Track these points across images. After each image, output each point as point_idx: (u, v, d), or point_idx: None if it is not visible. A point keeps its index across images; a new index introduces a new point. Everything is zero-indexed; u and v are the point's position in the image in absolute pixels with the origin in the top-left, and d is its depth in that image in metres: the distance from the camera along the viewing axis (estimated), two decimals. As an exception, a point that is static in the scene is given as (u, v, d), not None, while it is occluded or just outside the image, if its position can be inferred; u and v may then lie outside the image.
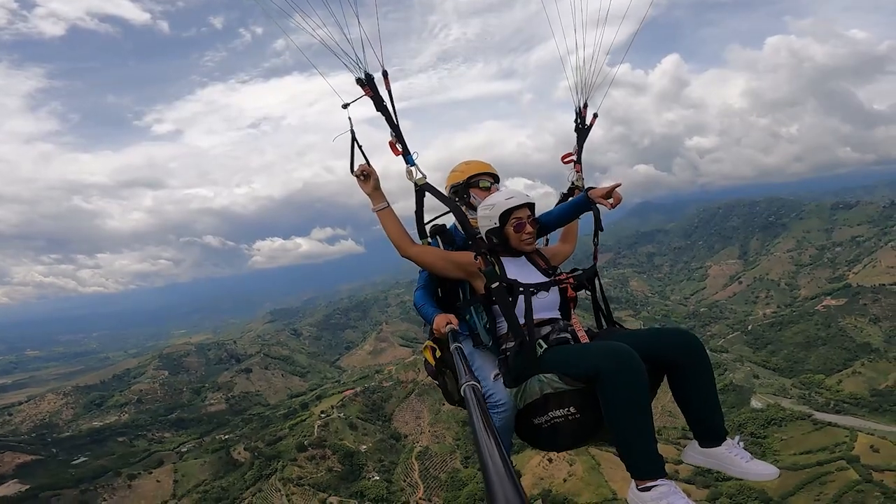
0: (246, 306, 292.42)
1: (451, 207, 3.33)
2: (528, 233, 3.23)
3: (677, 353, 2.69)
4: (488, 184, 3.64)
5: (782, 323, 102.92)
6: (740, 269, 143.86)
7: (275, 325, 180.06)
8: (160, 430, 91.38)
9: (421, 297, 3.50)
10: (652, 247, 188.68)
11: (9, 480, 69.47)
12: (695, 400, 2.74)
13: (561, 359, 2.70)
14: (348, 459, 70.28)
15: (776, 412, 70.30)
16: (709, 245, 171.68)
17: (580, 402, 2.60)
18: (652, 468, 2.37)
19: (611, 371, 2.40)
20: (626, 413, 2.38)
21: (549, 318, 3.06)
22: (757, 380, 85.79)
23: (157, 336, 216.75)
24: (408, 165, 3.31)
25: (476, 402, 1.93)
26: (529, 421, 2.81)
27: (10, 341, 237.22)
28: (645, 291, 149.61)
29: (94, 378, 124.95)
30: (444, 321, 3.12)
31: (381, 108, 3.25)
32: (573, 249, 3.96)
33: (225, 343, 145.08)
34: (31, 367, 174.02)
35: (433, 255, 3.33)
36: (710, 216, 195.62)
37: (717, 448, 2.74)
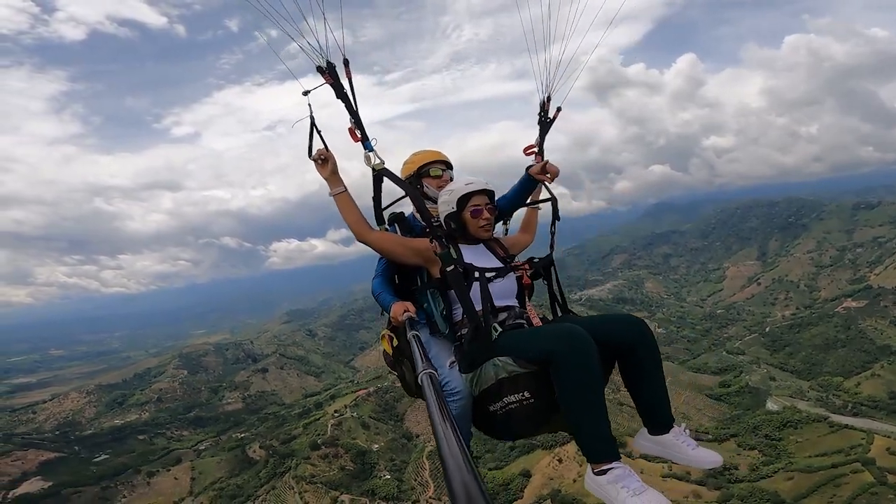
0: (263, 307, 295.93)
1: (408, 192, 3.38)
2: (485, 219, 3.26)
3: (627, 338, 2.74)
4: (440, 171, 3.70)
5: (801, 325, 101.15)
6: (759, 270, 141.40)
7: (291, 325, 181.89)
8: (179, 429, 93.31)
9: (378, 284, 3.52)
10: (668, 248, 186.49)
11: (32, 478, 71.39)
12: (644, 387, 2.80)
13: (515, 342, 2.74)
14: (360, 458, 71.01)
15: (792, 414, 69.32)
16: (726, 246, 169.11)
17: (534, 386, 2.63)
18: (606, 451, 2.41)
19: (563, 351, 2.44)
20: (579, 394, 2.42)
21: (506, 306, 3.09)
22: (773, 382, 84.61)
23: (177, 336, 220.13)
24: (366, 151, 3.35)
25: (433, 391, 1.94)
26: (485, 409, 2.84)
27: (35, 341, 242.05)
28: (660, 293, 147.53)
29: (116, 377, 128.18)
30: (402, 309, 3.13)
31: (340, 96, 3.29)
32: (532, 239, 4.01)
33: (242, 343, 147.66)
34: (54, 365, 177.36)
35: (390, 241, 3.34)
36: (727, 216, 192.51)
37: (665, 435, 2.79)
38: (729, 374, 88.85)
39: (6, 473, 71.82)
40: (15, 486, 69.53)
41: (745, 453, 63.68)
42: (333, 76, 3.25)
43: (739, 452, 63.88)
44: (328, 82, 3.24)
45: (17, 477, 71.43)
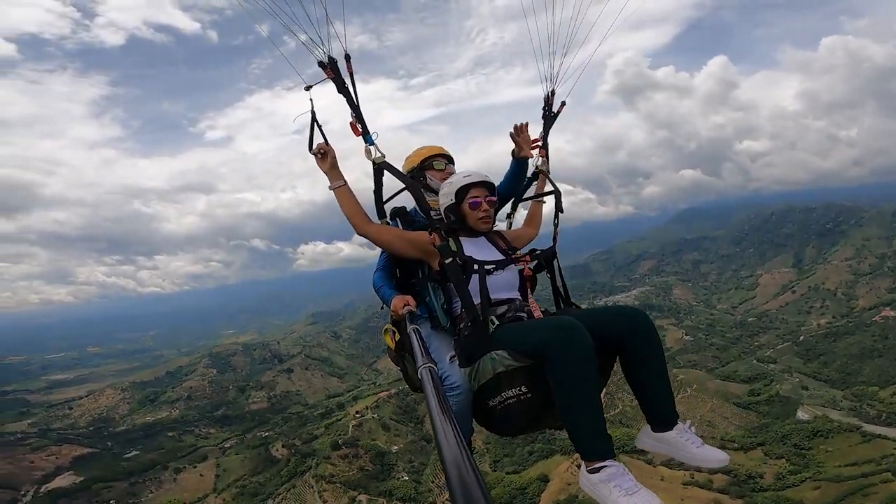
0: (290, 308, 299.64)
1: (407, 185, 3.35)
2: (483, 211, 3.23)
3: (625, 331, 2.66)
4: (443, 165, 3.72)
5: (837, 334, 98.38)
6: (794, 277, 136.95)
7: (316, 326, 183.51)
8: (206, 426, 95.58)
9: (379, 278, 3.51)
10: (698, 254, 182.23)
11: (65, 472, 74.17)
12: (646, 382, 2.70)
13: (511, 335, 2.69)
14: (379, 459, 71.84)
15: (823, 423, 68.07)
16: (760, 253, 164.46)
17: (531, 381, 2.59)
18: (600, 449, 2.35)
19: (557, 344, 2.39)
20: (572, 388, 2.36)
21: (507, 298, 3.04)
22: (805, 391, 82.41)
23: (208, 335, 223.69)
24: (366, 145, 3.37)
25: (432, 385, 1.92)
26: (485, 403, 2.80)
27: (74, 338, 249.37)
28: (689, 300, 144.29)
29: (150, 374, 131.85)
30: (402, 302, 3.13)
31: (342, 90, 3.31)
32: (536, 233, 3.95)
33: (269, 343, 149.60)
34: (91, 363, 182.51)
35: (390, 234, 3.35)
36: (761, 222, 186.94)
37: (669, 433, 2.70)
38: (759, 382, 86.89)
39: (40, 468, 74.81)
40: (48, 480, 72.40)
41: (772, 462, 62.52)
42: (335, 71, 3.29)
43: (766, 461, 62.84)
44: (329, 77, 3.30)
45: (51, 472, 74.33)
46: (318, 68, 3.31)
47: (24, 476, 72.53)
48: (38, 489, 70.22)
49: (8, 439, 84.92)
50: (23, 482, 71.29)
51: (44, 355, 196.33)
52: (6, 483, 70.37)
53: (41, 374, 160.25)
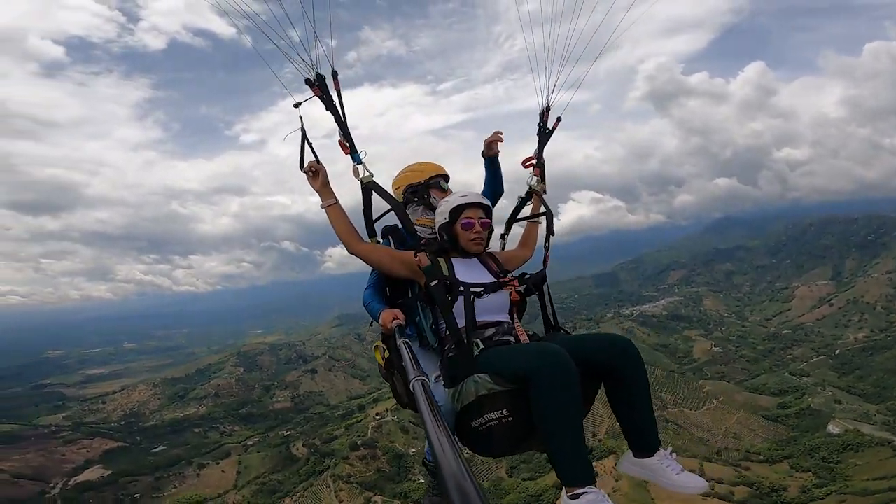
0: (316, 310, 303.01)
1: (392, 206, 3.37)
2: (475, 232, 3.19)
3: (610, 359, 2.67)
4: (447, 186, 3.73)
5: (874, 348, 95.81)
6: (832, 290, 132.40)
7: (341, 329, 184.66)
8: (231, 424, 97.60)
9: (369, 295, 3.51)
10: (731, 265, 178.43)
11: (94, 465, 76.77)
12: (631, 409, 2.71)
13: (494, 359, 2.69)
14: (397, 461, 72.23)
15: (854, 437, 66.33)
16: (797, 264, 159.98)
17: (512, 405, 2.57)
18: (581, 475, 2.32)
19: (540, 370, 2.39)
20: (555, 414, 2.35)
21: (495, 321, 3.01)
22: (838, 405, 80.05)
23: (237, 334, 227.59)
24: (354, 164, 3.37)
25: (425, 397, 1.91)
26: (468, 424, 2.77)
27: (111, 334, 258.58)
28: (720, 311, 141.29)
29: (181, 371, 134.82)
30: (391, 316, 3.10)
31: (330, 108, 3.31)
32: (530, 254, 3.87)
33: (295, 344, 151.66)
34: (126, 358, 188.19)
35: (380, 253, 3.32)
36: (800, 233, 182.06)
37: (650, 458, 2.71)
38: (789, 395, 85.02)
39: (70, 461, 77.72)
40: (77, 473, 75.07)
41: (798, 475, 61.04)
42: (322, 88, 3.26)
43: (791, 474, 61.51)
44: (316, 95, 3.27)
45: (81, 465, 77.10)
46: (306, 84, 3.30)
47: (54, 469, 75.38)
48: (67, 482, 72.72)
49: (42, 432, 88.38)
50: (53, 475, 74.08)
51: (82, 350, 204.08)
52: (37, 475, 73.22)
53: (78, 368, 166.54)
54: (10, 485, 70.04)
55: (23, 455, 77.06)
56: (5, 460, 74.73)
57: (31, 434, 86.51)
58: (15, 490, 69.34)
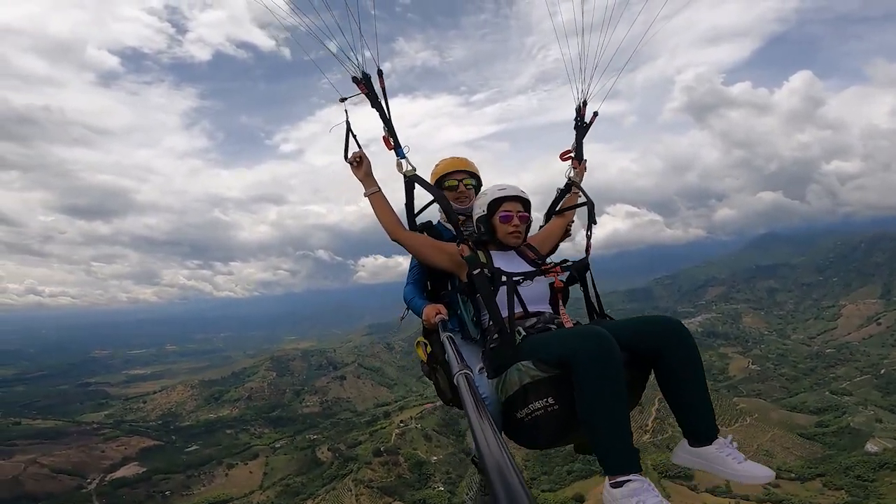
0: (348, 318, 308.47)
1: (437, 197, 3.41)
2: (513, 226, 3.20)
3: (661, 341, 2.53)
4: (455, 182, 3.67)
5: None
6: (881, 309, 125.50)
7: (371, 337, 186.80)
8: (262, 426, 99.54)
9: (410, 291, 3.54)
10: (774, 281, 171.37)
11: (130, 463, 79.88)
12: (684, 395, 2.55)
13: (536, 345, 2.63)
14: (417, 468, 72.70)
15: (892, 456, 63.88)
16: (845, 282, 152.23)
17: (558, 392, 2.47)
18: (624, 462, 2.22)
19: (582, 353, 2.31)
20: (597, 399, 2.25)
21: (536, 311, 2.98)
22: (879, 424, 76.27)
23: (272, 340, 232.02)
24: (398, 158, 3.44)
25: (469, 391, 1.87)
26: (513, 416, 2.69)
27: (154, 336, 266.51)
28: (761, 328, 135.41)
29: (217, 374, 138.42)
30: (434, 311, 3.13)
31: (375, 105, 3.43)
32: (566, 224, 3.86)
33: (326, 351, 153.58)
34: (168, 360, 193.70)
35: (422, 242, 3.36)
36: (849, 250, 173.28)
37: (708, 447, 2.53)
38: (829, 414, 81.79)
39: (109, 458, 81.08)
40: (114, 469, 78.32)
41: (829, 493, 59.41)
42: (368, 86, 3.40)
43: (823, 492, 59.77)
44: (363, 92, 3.41)
45: (118, 461, 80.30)
46: None
47: (93, 465, 78.77)
48: (103, 478, 75.80)
49: (85, 429, 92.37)
50: (91, 470, 77.38)
51: (126, 350, 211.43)
52: (75, 471, 76.57)
53: (123, 368, 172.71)
54: (49, 479, 73.37)
55: (64, 450, 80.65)
56: (47, 455, 78.36)
57: (74, 430, 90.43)
58: (53, 484, 72.60)
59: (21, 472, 73.58)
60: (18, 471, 73.66)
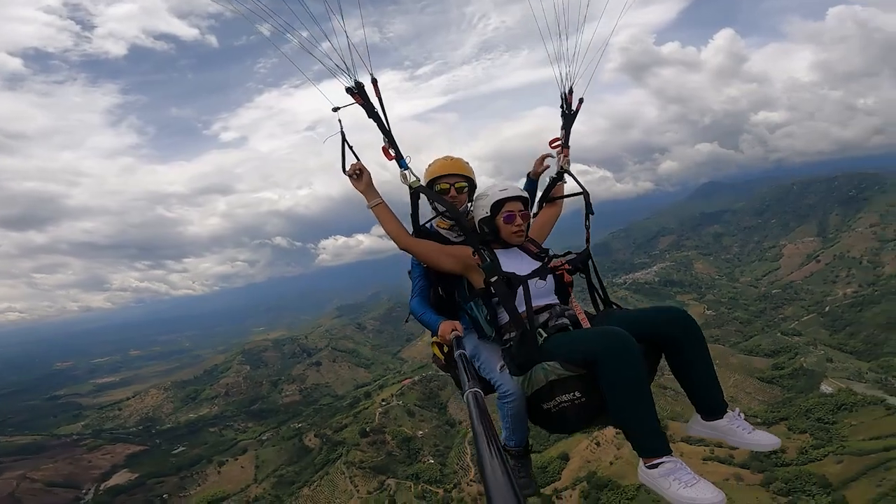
0: (316, 303, 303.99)
1: (446, 208, 3.40)
2: (517, 225, 3.29)
3: (671, 330, 2.79)
4: (447, 185, 3.62)
5: (863, 303, 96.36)
6: (818, 247, 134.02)
7: (342, 319, 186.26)
8: (244, 421, 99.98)
9: (418, 304, 3.53)
10: (719, 227, 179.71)
11: (121, 470, 79.21)
12: (693, 376, 2.84)
13: (560, 346, 2.79)
14: (406, 444, 75.11)
15: (847, 397, 67.57)
16: (783, 223, 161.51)
17: (585, 387, 2.70)
18: (656, 446, 2.48)
19: (607, 355, 2.52)
20: (626, 395, 2.49)
21: (546, 305, 3.12)
22: (830, 364, 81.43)
23: (240, 333, 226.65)
24: (401, 169, 3.39)
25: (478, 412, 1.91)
26: (539, 406, 2.91)
27: (115, 343, 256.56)
28: (711, 274, 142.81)
29: (189, 374, 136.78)
30: (449, 328, 3.21)
31: (372, 115, 3.32)
32: (559, 211, 4.00)
33: (298, 338, 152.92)
34: (134, 365, 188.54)
35: (430, 248, 3.39)
36: (783, 193, 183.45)
37: (720, 420, 2.83)
38: (783, 356, 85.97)
39: (98, 467, 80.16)
40: (106, 478, 77.64)
41: (795, 437, 62.39)
42: (363, 96, 3.30)
43: (789, 436, 62.44)
44: (358, 102, 3.31)
45: (108, 470, 79.49)
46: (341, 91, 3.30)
47: (84, 475, 77.93)
48: (98, 487, 75.35)
49: (65, 441, 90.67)
50: (83, 481, 76.66)
51: (89, 360, 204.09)
52: (69, 482, 75.84)
53: (89, 378, 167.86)
54: (45, 493, 72.78)
55: (51, 464, 79.49)
56: (36, 470, 77.20)
57: (55, 444, 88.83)
58: (51, 497, 72.18)
59: (15, 488, 72.66)
60: (12, 487, 72.71)
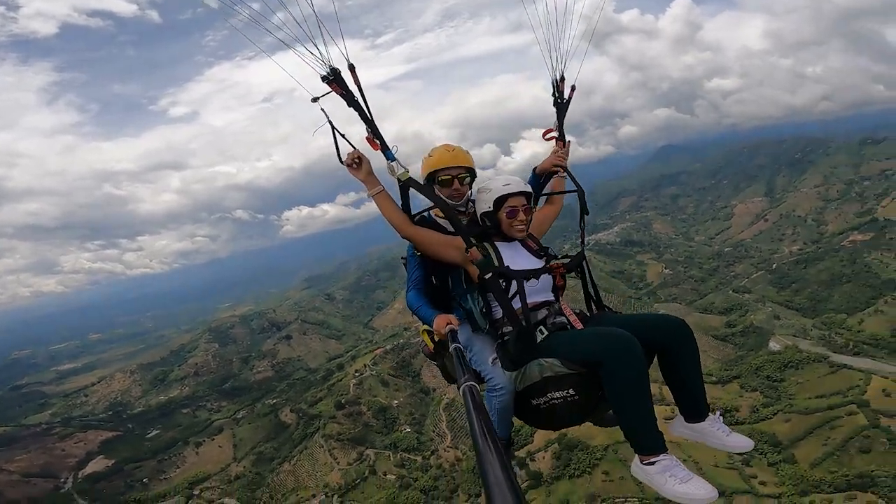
0: (282, 275, 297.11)
1: (436, 202, 3.34)
2: (519, 220, 3.28)
3: (669, 339, 2.89)
4: (449, 177, 3.52)
5: (807, 260, 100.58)
6: (766, 206, 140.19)
7: (310, 291, 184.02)
8: (218, 400, 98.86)
9: (414, 297, 3.49)
10: (676, 188, 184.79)
11: (96, 457, 78.14)
12: (682, 382, 2.96)
13: (562, 345, 2.86)
14: (382, 414, 76.40)
15: (793, 354, 69.03)
16: (734, 184, 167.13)
17: (580, 385, 2.79)
18: (654, 445, 2.61)
19: (614, 357, 2.59)
20: (628, 397, 2.58)
21: (543, 301, 3.17)
22: (778, 321, 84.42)
23: (205, 311, 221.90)
24: (388, 161, 3.29)
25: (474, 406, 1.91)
26: (528, 402, 2.96)
27: (73, 327, 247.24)
28: (669, 233, 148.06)
29: (155, 355, 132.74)
30: (444, 322, 3.17)
31: (352, 104, 3.19)
32: (559, 208, 4.00)
33: (266, 313, 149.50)
34: (96, 350, 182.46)
35: (431, 238, 3.36)
36: (735, 156, 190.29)
37: (702, 423, 2.99)
38: (735, 313, 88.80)
39: (73, 455, 78.75)
40: (82, 466, 76.56)
41: (747, 395, 64.65)
42: (340, 84, 3.15)
43: (742, 394, 65.07)
44: (336, 92, 3.16)
45: (83, 457, 78.26)
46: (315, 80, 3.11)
47: (59, 464, 76.62)
48: (76, 475, 74.42)
49: (35, 431, 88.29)
50: (60, 469, 75.46)
51: (48, 347, 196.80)
52: (46, 472, 74.52)
53: (49, 365, 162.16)
54: (24, 484, 71.52)
55: (24, 455, 77.91)
56: (10, 461, 75.63)
57: (26, 434, 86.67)
58: (29, 488, 70.97)
59: (-6, 481, 70.89)
60: (-9, 480, 70.85)
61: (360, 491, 64.30)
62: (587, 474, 52.34)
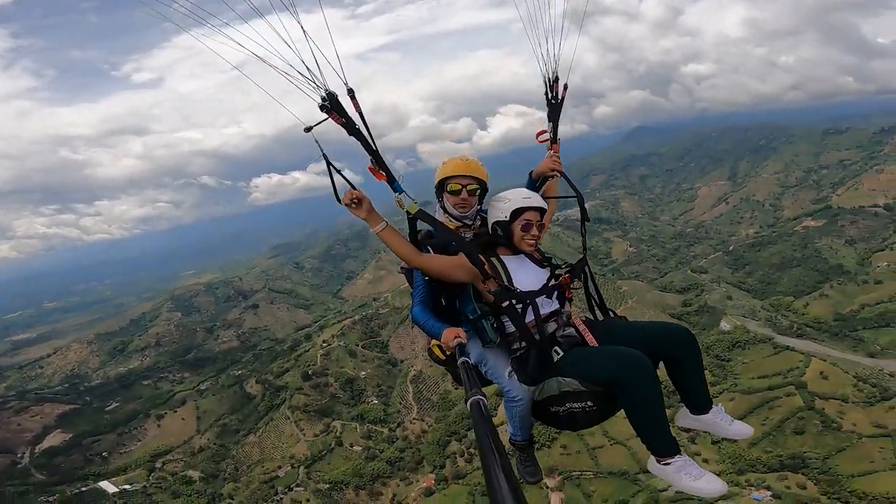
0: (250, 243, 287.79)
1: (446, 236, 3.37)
2: (532, 235, 3.37)
3: (675, 350, 3.13)
4: (459, 187, 3.52)
5: (762, 243, 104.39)
6: (728, 190, 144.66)
7: (278, 259, 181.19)
8: (180, 371, 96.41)
9: (420, 312, 3.47)
10: (645, 169, 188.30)
11: (53, 430, 75.85)
12: (688, 382, 3.25)
13: (578, 365, 3.04)
14: (349, 385, 76.46)
15: (741, 335, 71.12)
16: (700, 167, 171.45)
17: (597, 399, 3.03)
18: (670, 448, 2.87)
19: (627, 380, 2.81)
20: (644, 413, 2.84)
21: (552, 312, 3.31)
22: (730, 301, 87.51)
23: (168, 279, 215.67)
24: (396, 194, 3.23)
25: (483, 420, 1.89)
26: (547, 409, 3.18)
27: (27, 295, 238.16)
28: (636, 212, 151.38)
29: (113, 325, 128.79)
30: (452, 335, 3.17)
31: (353, 133, 3.07)
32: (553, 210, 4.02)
33: (232, 281, 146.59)
34: (50, 318, 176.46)
35: (441, 263, 3.36)
36: (703, 140, 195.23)
37: (706, 415, 3.27)
38: (691, 293, 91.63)
39: (28, 429, 76.15)
40: (39, 440, 74.27)
41: None
42: (338, 109, 3.00)
43: None
44: (335, 120, 3.01)
45: (39, 432, 75.89)
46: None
47: (15, 439, 74.24)
48: (34, 449, 72.31)
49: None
50: (16, 444, 73.19)
51: (0, 316, 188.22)
52: (2, 447, 72.14)
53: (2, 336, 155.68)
54: None
55: (-22, 430, 74.84)
56: None
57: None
58: None
59: (-54, 457, 67.82)
60: (-56, 457, 67.78)
61: (327, 462, 64.84)
62: (546, 447, 53.56)
